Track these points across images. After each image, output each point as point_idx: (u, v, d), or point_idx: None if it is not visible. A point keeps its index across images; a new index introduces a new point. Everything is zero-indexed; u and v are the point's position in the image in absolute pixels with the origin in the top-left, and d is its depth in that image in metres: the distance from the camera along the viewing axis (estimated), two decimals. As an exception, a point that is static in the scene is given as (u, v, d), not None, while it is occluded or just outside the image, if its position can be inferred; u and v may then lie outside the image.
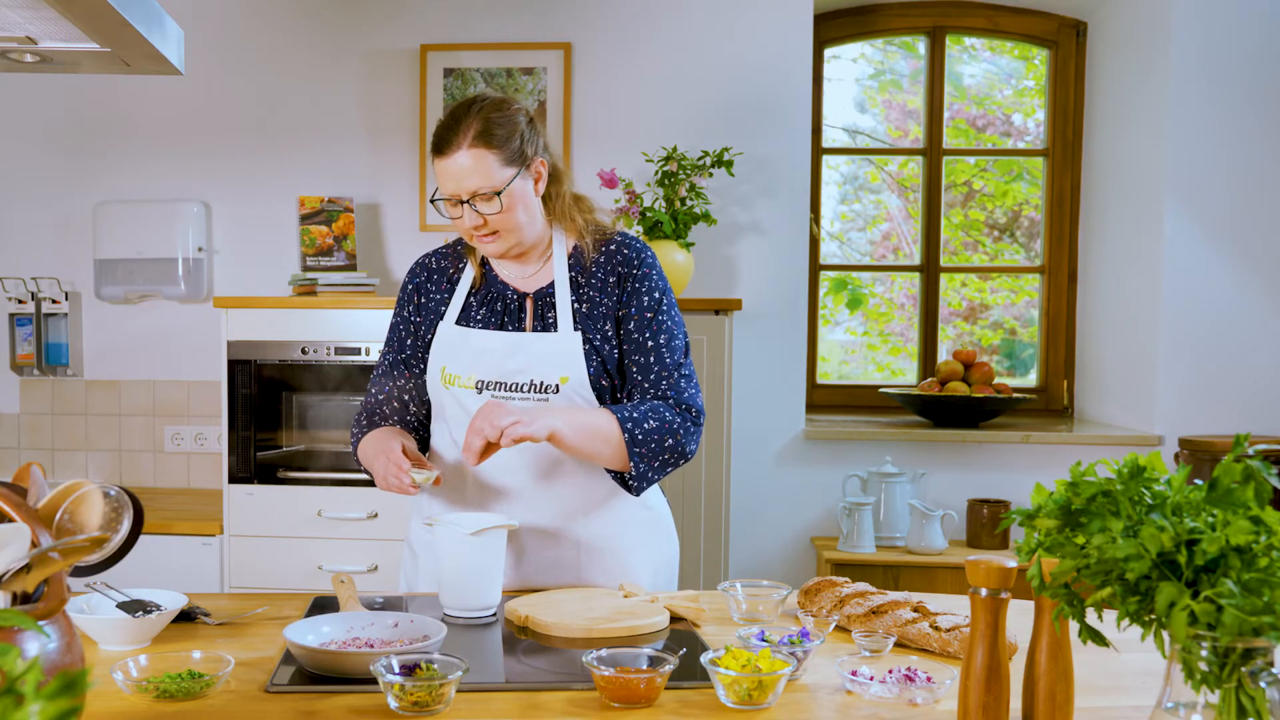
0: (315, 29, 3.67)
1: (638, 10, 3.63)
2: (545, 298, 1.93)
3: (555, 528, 1.91)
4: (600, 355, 1.89)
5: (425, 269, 2.03)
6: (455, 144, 1.83)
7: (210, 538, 3.23)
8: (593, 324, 1.91)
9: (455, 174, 1.84)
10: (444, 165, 1.84)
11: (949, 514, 3.40)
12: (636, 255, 1.95)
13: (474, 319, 1.94)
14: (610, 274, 1.93)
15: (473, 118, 1.84)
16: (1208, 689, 0.98)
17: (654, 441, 1.83)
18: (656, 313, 1.92)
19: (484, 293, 1.96)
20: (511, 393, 1.88)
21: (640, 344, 1.91)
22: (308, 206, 3.51)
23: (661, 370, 1.90)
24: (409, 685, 1.30)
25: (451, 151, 1.83)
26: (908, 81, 4.12)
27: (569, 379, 1.87)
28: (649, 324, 1.92)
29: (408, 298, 2.03)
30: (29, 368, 3.70)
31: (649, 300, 1.93)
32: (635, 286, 1.92)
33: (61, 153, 3.73)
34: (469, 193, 1.84)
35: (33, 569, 1.17)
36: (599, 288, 1.93)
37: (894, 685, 1.39)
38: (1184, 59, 3.48)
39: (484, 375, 1.89)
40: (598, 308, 1.92)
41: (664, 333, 1.92)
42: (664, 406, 1.87)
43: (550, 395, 1.87)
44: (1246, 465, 0.98)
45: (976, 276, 4.16)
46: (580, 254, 1.95)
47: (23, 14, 1.41)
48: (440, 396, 1.95)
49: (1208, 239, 3.51)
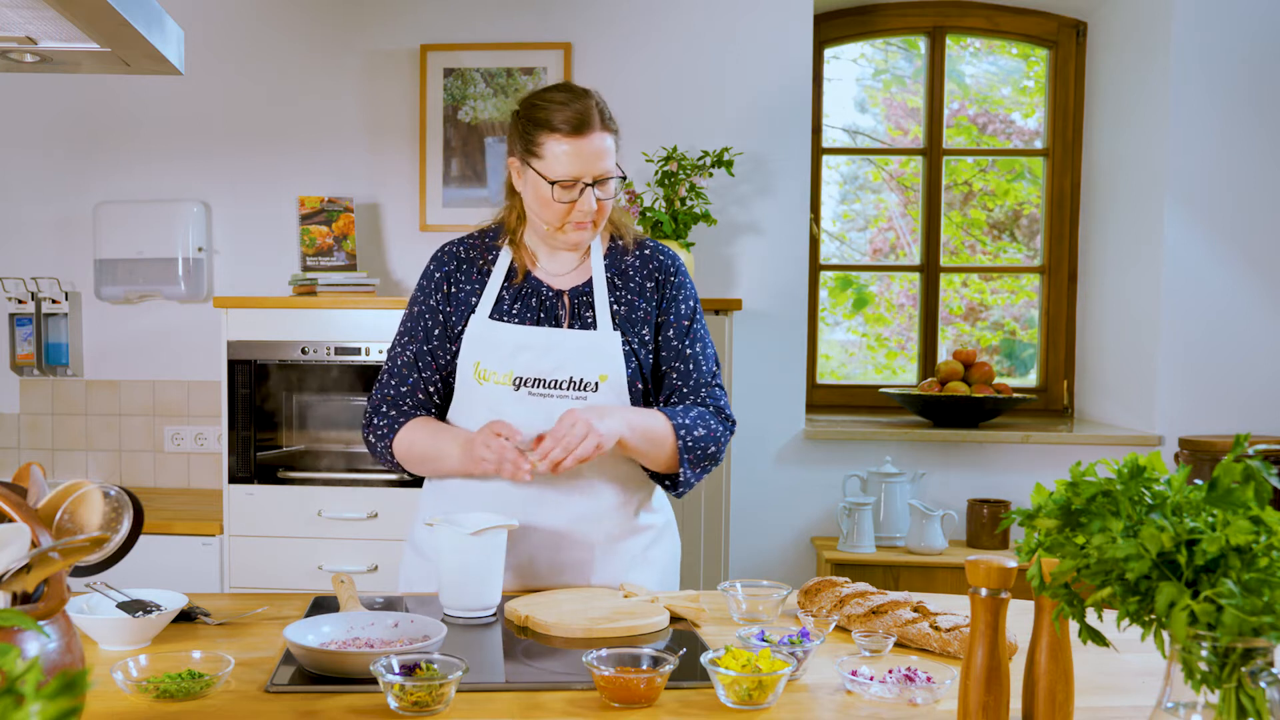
0: (315, 29, 3.67)
1: (638, 10, 3.63)
2: (582, 296, 1.93)
3: (569, 530, 1.90)
4: (637, 358, 1.90)
5: (454, 257, 1.97)
6: (595, 124, 1.84)
7: (210, 538, 3.23)
8: (631, 326, 1.91)
9: (598, 153, 1.84)
10: (583, 144, 1.83)
11: (949, 514, 3.40)
12: (671, 262, 1.98)
13: (508, 313, 1.91)
14: (647, 279, 1.95)
15: (595, 102, 1.86)
16: (1208, 689, 0.98)
17: (701, 449, 1.87)
18: (693, 321, 1.96)
19: (518, 287, 1.93)
20: (550, 390, 1.86)
21: (680, 352, 1.93)
22: (308, 206, 3.51)
23: (700, 379, 1.94)
24: (409, 685, 1.30)
25: (593, 131, 1.83)
26: (909, 81, 4.12)
27: (608, 377, 1.87)
28: (687, 332, 1.95)
29: (435, 286, 1.95)
30: (29, 368, 3.70)
31: (685, 309, 1.96)
32: (673, 294, 1.95)
33: (61, 153, 3.73)
34: (601, 174, 1.85)
35: (33, 569, 1.17)
36: (636, 291, 1.94)
37: (894, 685, 1.39)
38: (1184, 59, 3.48)
39: (521, 372, 1.86)
40: (635, 311, 1.93)
41: (699, 341, 1.96)
42: (709, 414, 1.91)
43: (589, 393, 1.86)
44: (1246, 465, 0.98)
45: (977, 276, 4.16)
46: (615, 255, 1.97)
47: (23, 14, 1.41)
48: (470, 392, 1.90)
49: (1208, 239, 3.51)
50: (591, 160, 1.83)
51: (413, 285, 3.64)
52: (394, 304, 3.19)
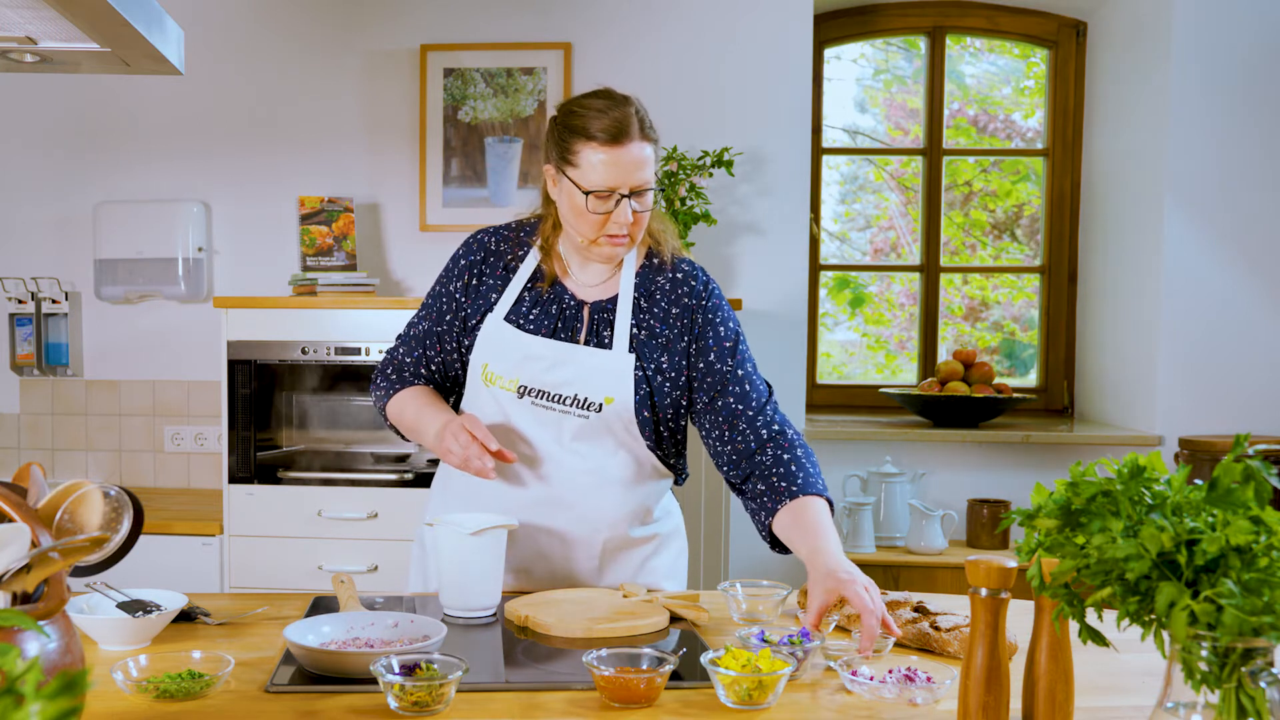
0: (315, 29, 3.67)
1: (638, 10, 3.63)
2: (603, 312, 1.87)
3: (575, 536, 1.88)
4: (650, 385, 1.84)
5: (484, 248, 1.92)
6: (634, 133, 1.78)
7: (210, 538, 3.23)
8: (648, 352, 1.85)
9: (636, 163, 1.78)
10: (620, 154, 1.77)
11: (949, 514, 3.40)
12: (704, 288, 1.90)
13: (525, 318, 1.87)
14: (674, 304, 1.88)
15: (634, 109, 1.80)
16: (1208, 689, 0.98)
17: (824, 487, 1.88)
18: (737, 342, 1.90)
19: (539, 292, 1.88)
20: (553, 404, 1.83)
21: (730, 373, 1.87)
22: (308, 206, 3.51)
23: (760, 401, 1.87)
24: (409, 685, 1.30)
25: (631, 140, 1.77)
26: (909, 81, 4.12)
27: (614, 400, 1.82)
28: (733, 352, 1.88)
29: (459, 273, 1.91)
30: (29, 368, 3.69)
31: (726, 330, 1.89)
32: (709, 318, 1.88)
33: (61, 153, 3.73)
34: (638, 185, 1.79)
35: (33, 569, 1.17)
36: (661, 318, 1.87)
37: (894, 685, 1.39)
38: (1184, 59, 3.48)
39: (527, 381, 1.83)
40: (656, 337, 1.86)
41: (749, 361, 1.90)
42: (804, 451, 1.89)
43: (591, 414, 1.82)
44: (1246, 465, 0.98)
45: (978, 275, 4.16)
46: (648, 273, 1.90)
47: (23, 14, 1.41)
48: (477, 390, 1.88)
49: (1208, 239, 3.51)
50: (629, 170, 1.77)
51: (413, 285, 3.66)
52: (394, 304, 3.19)
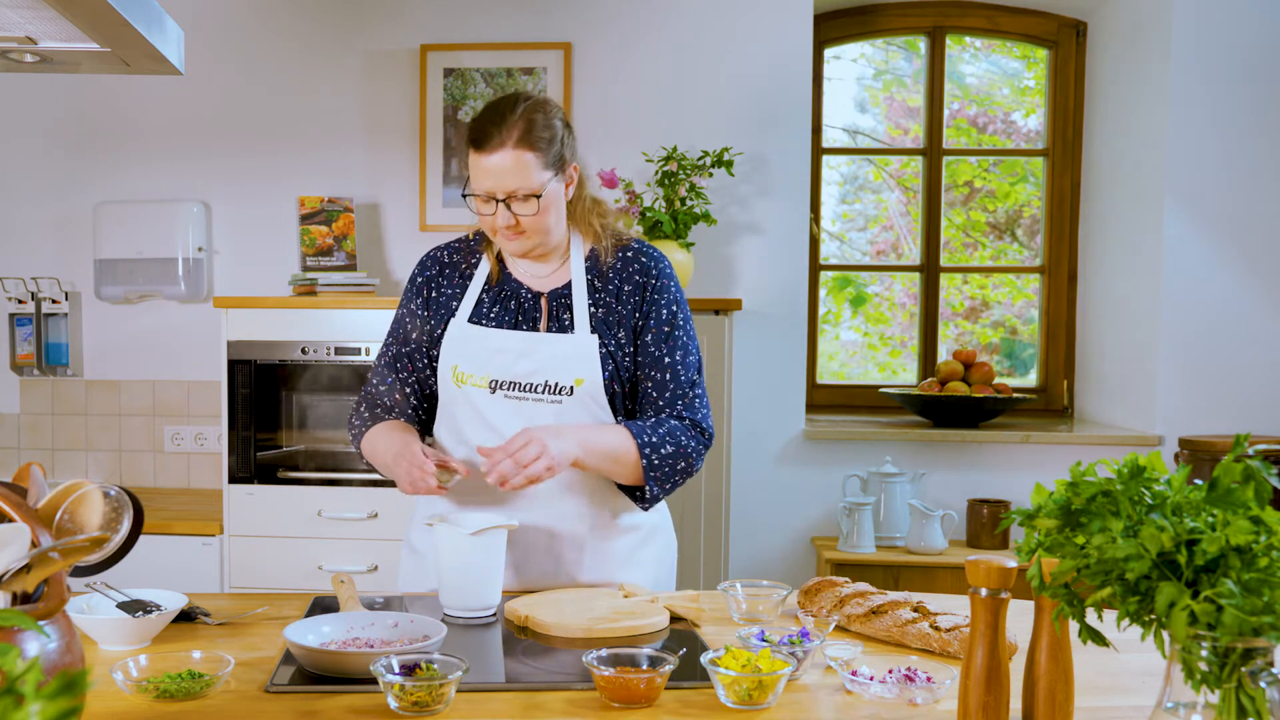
0: (315, 29, 3.67)
1: (638, 10, 3.63)
2: (560, 299, 1.92)
3: (563, 530, 1.90)
4: (614, 360, 1.88)
5: (437, 263, 2.00)
6: (499, 142, 1.80)
7: (210, 538, 3.23)
8: (608, 329, 1.89)
9: (496, 172, 1.80)
10: (484, 161, 1.81)
11: (949, 514, 3.40)
12: (654, 265, 1.94)
13: (487, 317, 1.92)
14: (626, 281, 1.92)
15: (518, 117, 1.81)
16: (1208, 689, 0.98)
17: (668, 466, 1.84)
18: (673, 327, 1.92)
19: (497, 290, 1.94)
20: (526, 393, 1.86)
21: (657, 359, 1.90)
22: (308, 206, 3.51)
23: (676, 389, 1.90)
24: (409, 685, 1.30)
25: (494, 149, 1.80)
26: (909, 81, 4.12)
27: (584, 381, 1.86)
28: (665, 338, 1.91)
29: (416, 290, 1.99)
30: (29, 368, 3.70)
31: (666, 314, 1.92)
32: (654, 297, 1.92)
33: (61, 153, 3.73)
34: (506, 192, 1.81)
35: (33, 569, 1.17)
36: (615, 294, 1.91)
37: (894, 685, 1.39)
38: (1184, 59, 3.48)
39: (497, 375, 1.87)
40: (613, 314, 1.90)
41: (679, 349, 1.92)
42: (680, 429, 1.87)
43: (564, 397, 1.86)
44: (1246, 465, 0.98)
45: (978, 275, 4.16)
46: (597, 257, 1.94)
47: (23, 14, 1.41)
48: (451, 395, 1.92)
49: (1208, 239, 3.51)
50: (496, 176, 1.80)
51: (413, 285, 3.66)
52: (394, 304, 3.19)
